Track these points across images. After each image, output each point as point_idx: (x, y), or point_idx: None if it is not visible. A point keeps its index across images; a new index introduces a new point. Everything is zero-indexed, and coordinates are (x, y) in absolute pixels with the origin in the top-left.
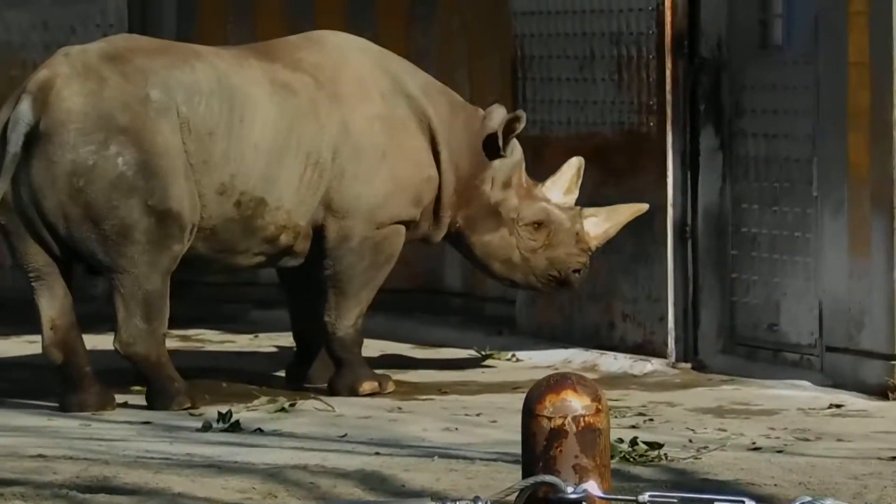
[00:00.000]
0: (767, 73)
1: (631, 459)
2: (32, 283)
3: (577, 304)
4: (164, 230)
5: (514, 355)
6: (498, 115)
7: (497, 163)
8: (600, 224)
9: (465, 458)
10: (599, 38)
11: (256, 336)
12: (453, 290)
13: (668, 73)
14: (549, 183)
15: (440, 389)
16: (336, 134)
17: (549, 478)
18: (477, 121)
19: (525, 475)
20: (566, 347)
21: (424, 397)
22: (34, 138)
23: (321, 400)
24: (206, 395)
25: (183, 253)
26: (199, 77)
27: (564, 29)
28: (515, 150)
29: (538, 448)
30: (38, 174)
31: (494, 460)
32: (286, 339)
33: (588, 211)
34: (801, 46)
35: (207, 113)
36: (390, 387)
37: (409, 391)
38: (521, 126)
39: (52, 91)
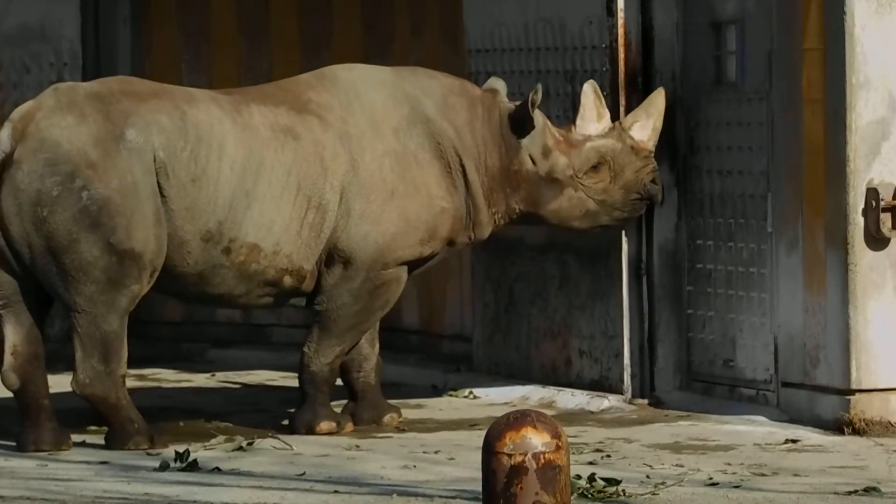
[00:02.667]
0: (722, 110)
1: (589, 496)
2: (0, 311)
3: (533, 341)
4: (123, 270)
5: (471, 392)
6: (501, 86)
7: (526, 140)
8: (646, 124)
9: (424, 495)
10: (554, 76)
11: (213, 375)
12: (411, 328)
13: (621, 109)
14: (578, 121)
15: (398, 427)
16: (343, 175)
17: None
18: (494, 108)
19: None
20: (524, 384)
21: (382, 435)
22: (7, 165)
23: (279, 438)
24: (165, 435)
25: (142, 294)
26: (187, 124)
27: (519, 66)
28: (536, 117)
29: (499, 485)
30: (6, 200)
31: (453, 497)
32: (244, 378)
33: (627, 121)
34: (755, 83)
35: (192, 160)
36: (348, 427)
37: (367, 429)
38: (539, 98)
39: (31, 121)
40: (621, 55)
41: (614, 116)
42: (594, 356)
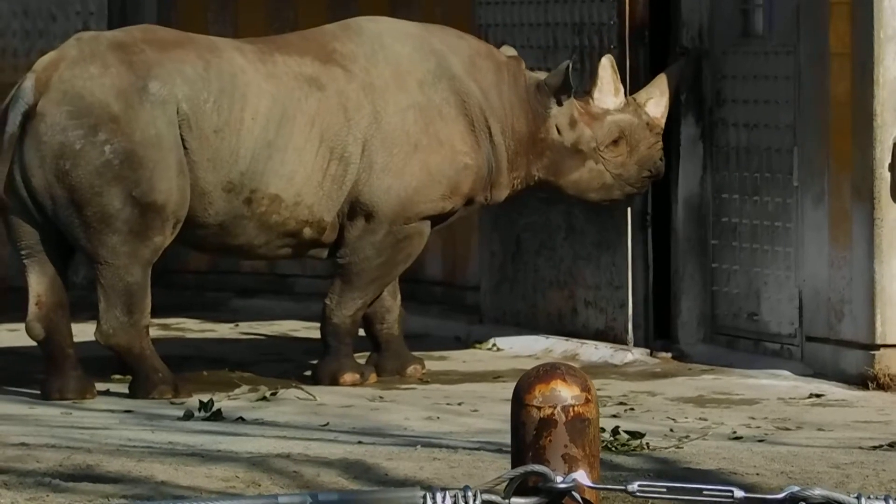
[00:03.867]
0: (748, 63)
1: (613, 449)
2: (24, 261)
3: (540, 291)
4: (146, 222)
5: (494, 344)
6: (513, 53)
7: (553, 109)
8: (660, 101)
9: (447, 447)
10: (563, 28)
11: (237, 325)
12: (434, 280)
13: (628, 62)
14: (596, 94)
15: (421, 378)
16: (366, 126)
17: (538, 467)
18: (520, 75)
19: (514, 465)
20: (546, 336)
21: (406, 386)
22: (30, 117)
23: (302, 388)
24: (189, 384)
25: (165, 245)
26: (210, 74)
27: (528, 19)
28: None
29: (527, 438)
30: (29, 152)
31: (477, 449)
32: (267, 328)
33: (642, 97)
34: (783, 36)
35: (214, 110)
36: (372, 378)
37: (391, 380)
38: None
39: (55, 72)
40: (627, 8)
41: (623, 73)
42: (599, 306)
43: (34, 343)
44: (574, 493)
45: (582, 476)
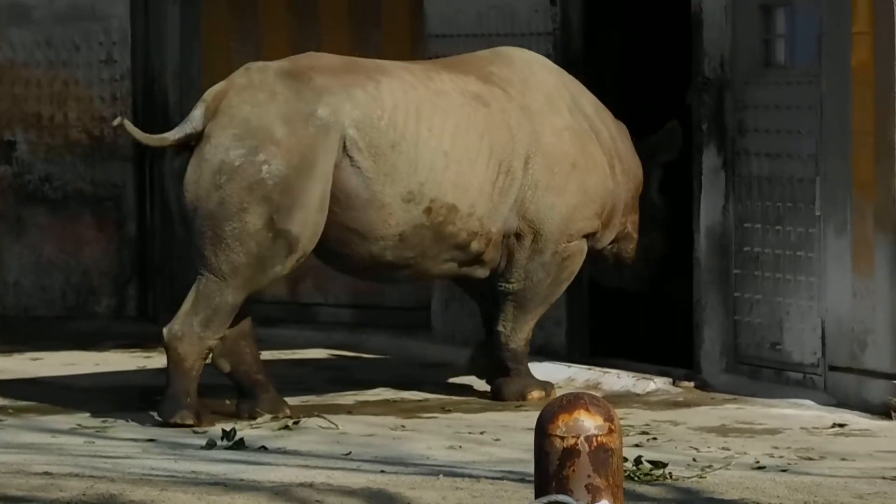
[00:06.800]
0: (770, 93)
1: (636, 478)
2: None
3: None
4: (274, 248)
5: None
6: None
7: (656, 169)
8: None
9: (470, 476)
10: None
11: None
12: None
13: None
14: None
15: (444, 407)
16: (527, 144)
17: (562, 497)
18: (626, 134)
19: (538, 494)
20: (569, 365)
21: (428, 415)
22: (199, 141)
23: (324, 417)
24: (211, 414)
25: (279, 278)
26: (382, 92)
27: (474, 50)
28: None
29: (551, 467)
30: (190, 170)
31: (500, 478)
32: (290, 356)
33: None
34: (805, 66)
35: (390, 126)
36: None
37: (413, 409)
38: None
39: (224, 99)
40: (560, 43)
41: None
42: (539, 322)
43: (57, 374)
44: None
45: None
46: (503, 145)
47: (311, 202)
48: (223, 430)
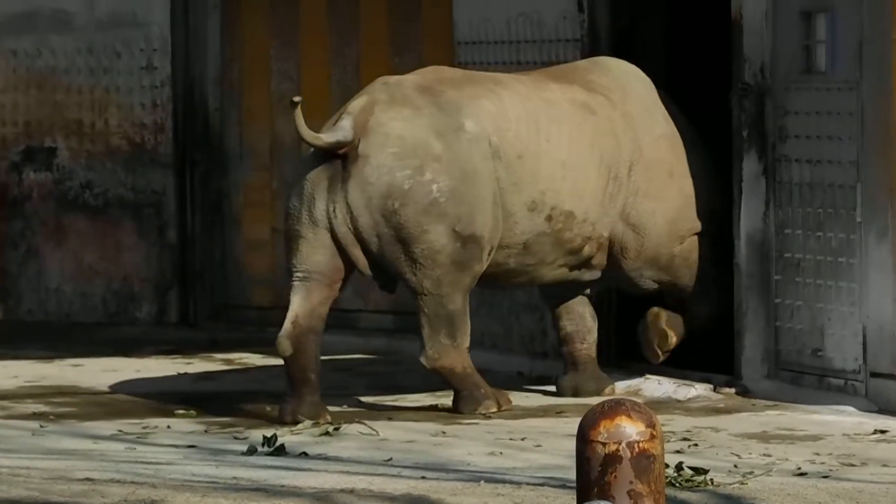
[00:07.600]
0: (811, 99)
1: (677, 485)
2: (294, 282)
3: (514, 313)
4: (467, 253)
5: (556, 379)
6: None
7: None
8: None
9: (511, 482)
10: (533, 68)
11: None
12: None
13: None
14: None
15: (484, 414)
16: (630, 151)
17: (604, 503)
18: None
19: (579, 501)
20: (608, 372)
21: (468, 421)
22: (352, 159)
23: (365, 423)
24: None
25: (482, 271)
26: (505, 104)
27: (502, 59)
28: None
29: (592, 473)
30: (355, 193)
31: (541, 485)
32: (331, 363)
33: None
34: (845, 72)
35: (516, 138)
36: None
37: (453, 415)
38: None
39: (371, 115)
40: (587, 50)
41: None
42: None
43: (98, 380)
44: None
45: None
46: (611, 152)
47: (486, 200)
48: (264, 437)
